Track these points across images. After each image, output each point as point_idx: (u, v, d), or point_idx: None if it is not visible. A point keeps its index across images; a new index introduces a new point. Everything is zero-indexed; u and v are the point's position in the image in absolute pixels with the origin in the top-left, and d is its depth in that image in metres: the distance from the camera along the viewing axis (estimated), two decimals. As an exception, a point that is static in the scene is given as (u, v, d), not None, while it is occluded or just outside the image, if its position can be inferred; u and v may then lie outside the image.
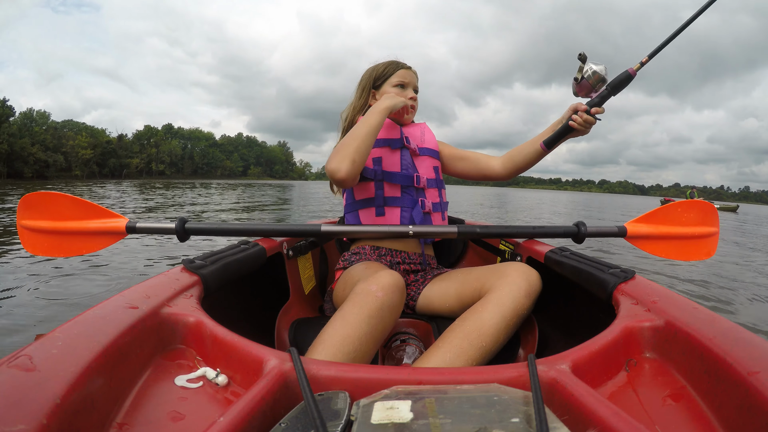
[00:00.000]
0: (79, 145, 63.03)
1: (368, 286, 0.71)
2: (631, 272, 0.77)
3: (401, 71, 1.19)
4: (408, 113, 1.20)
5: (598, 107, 0.97)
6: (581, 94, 0.99)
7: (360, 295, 0.70)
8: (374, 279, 0.72)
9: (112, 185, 22.90)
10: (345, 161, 0.96)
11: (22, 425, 0.31)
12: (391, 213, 1.10)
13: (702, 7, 0.92)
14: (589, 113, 0.97)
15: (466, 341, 0.73)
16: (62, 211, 1.00)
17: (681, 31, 0.92)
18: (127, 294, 0.59)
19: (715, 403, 0.46)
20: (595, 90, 0.96)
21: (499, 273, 0.87)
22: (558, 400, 0.46)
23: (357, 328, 0.66)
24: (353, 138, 0.99)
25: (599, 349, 0.54)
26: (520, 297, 0.80)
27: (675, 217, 1.09)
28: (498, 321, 0.76)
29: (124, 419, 0.42)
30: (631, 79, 0.93)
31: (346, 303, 0.70)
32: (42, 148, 54.88)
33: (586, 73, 0.95)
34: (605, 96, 0.96)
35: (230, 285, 0.84)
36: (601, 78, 0.95)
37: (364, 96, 1.23)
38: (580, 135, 1.03)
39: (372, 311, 0.68)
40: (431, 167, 1.19)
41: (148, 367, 0.51)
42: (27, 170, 51.00)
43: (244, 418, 0.39)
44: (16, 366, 0.38)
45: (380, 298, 0.69)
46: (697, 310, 0.59)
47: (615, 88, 0.94)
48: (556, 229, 1.08)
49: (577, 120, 0.98)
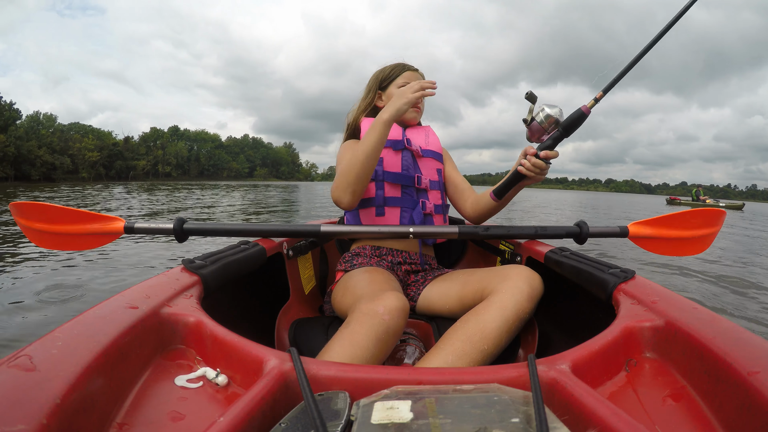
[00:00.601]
0: (85, 148, 63.71)
1: (376, 308, 0.70)
2: (631, 272, 0.77)
3: (407, 73, 1.19)
4: (417, 110, 1.20)
5: (550, 150, 0.90)
6: (533, 139, 0.92)
7: (367, 315, 0.69)
8: (381, 301, 0.71)
9: (120, 187, 22.97)
10: (346, 193, 0.99)
11: (22, 425, 0.31)
12: (391, 213, 1.10)
13: (660, 32, 0.88)
14: (539, 157, 0.91)
15: (468, 344, 0.73)
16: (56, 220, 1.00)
17: (637, 62, 0.88)
18: (127, 294, 0.59)
19: (715, 403, 0.46)
20: (548, 132, 0.90)
21: (501, 275, 0.87)
22: (558, 400, 0.46)
23: (365, 350, 0.66)
24: (353, 164, 0.98)
25: (599, 349, 0.54)
26: (522, 300, 0.79)
27: (683, 223, 1.08)
28: (500, 324, 0.76)
29: (124, 419, 0.42)
30: (585, 117, 0.88)
31: (353, 322, 0.70)
32: (49, 150, 55.52)
33: (538, 116, 0.90)
34: (558, 138, 0.90)
35: (230, 285, 0.84)
36: (555, 119, 0.89)
37: (369, 97, 1.23)
38: (534, 181, 0.97)
39: (379, 334, 0.68)
40: (434, 169, 1.19)
41: (148, 367, 0.51)
42: (34, 173, 51.59)
43: (244, 418, 0.39)
44: (16, 366, 0.38)
45: (386, 322, 0.69)
46: (697, 310, 0.59)
47: (568, 129, 0.88)
48: (558, 229, 1.08)
49: (526, 165, 0.93)
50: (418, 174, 1.13)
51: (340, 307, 0.96)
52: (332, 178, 1.08)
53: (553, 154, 0.91)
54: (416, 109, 1.20)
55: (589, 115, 0.88)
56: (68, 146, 60.62)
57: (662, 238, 1.07)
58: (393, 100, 0.97)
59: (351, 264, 1.09)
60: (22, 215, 1.00)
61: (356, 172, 0.98)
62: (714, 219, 1.09)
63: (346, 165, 0.99)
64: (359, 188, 1.00)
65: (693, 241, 1.08)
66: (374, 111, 1.24)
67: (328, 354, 0.66)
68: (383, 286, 0.90)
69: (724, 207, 17.99)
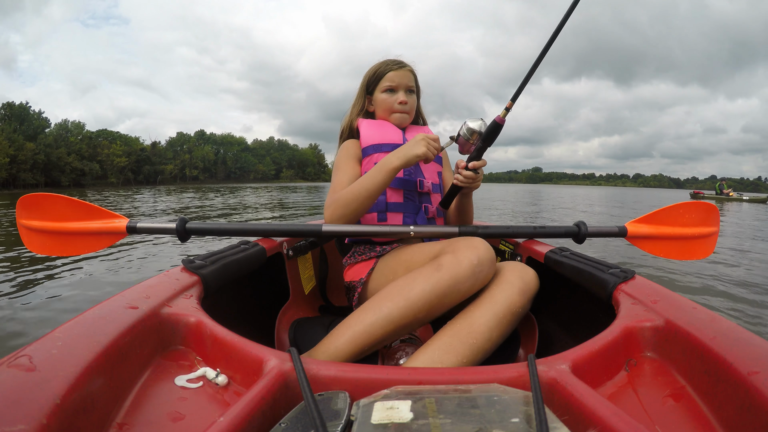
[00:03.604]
0: (113, 154, 64.94)
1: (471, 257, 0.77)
2: (631, 272, 0.77)
3: (390, 74, 1.14)
4: (405, 113, 1.16)
5: (477, 160, 0.97)
6: (463, 151, 1.00)
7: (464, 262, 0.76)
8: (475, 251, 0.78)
9: (153, 191, 23.18)
10: (340, 220, 0.99)
11: (22, 425, 0.31)
12: (394, 219, 1.08)
13: (550, 38, 0.91)
14: (469, 168, 0.97)
15: (455, 338, 0.73)
16: (61, 213, 1.00)
17: (535, 70, 0.92)
18: (127, 294, 0.59)
19: (714, 403, 0.46)
20: (473, 144, 0.97)
21: (494, 273, 0.87)
22: (558, 400, 0.46)
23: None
24: (352, 199, 0.97)
25: (599, 349, 0.54)
26: (513, 295, 0.79)
27: (676, 218, 1.09)
28: (489, 318, 0.75)
29: (124, 419, 0.42)
30: (500, 127, 0.93)
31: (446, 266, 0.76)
32: (78, 157, 56.87)
33: (461, 131, 0.97)
34: (481, 148, 0.97)
35: (230, 285, 0.84)
36: (476, 132, 0.96)
37: (360, 103, 1.21)
38: (471, 190, 1.04)
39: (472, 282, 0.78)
40: (435, 172, 1.17)
41: (148, 367, 0.51)
42: (64, 179, 52.86)
43: (244, 418, 0.39)
44: (16, 366, 0.38)
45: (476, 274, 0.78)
46: (696, 310, 0.59)
47: (487, 140, 0.95)
48: (556, 229, 1.08)
49: (459, 178, 0.99)
50: (420, 178, 1.12)
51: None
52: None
53: (480, 164, 0.97)
54: (402, 111, 1.16)
55: (503, 124, 0.93)
56: (97, 152, 62.06)
57: (661, 237, 1.07)
58: (408, 146, 0.95)
59: (374, 252, 1.06)
60: (27, 210, 1.00)
61: (354, 207, 0.98)
62: (707, 213, 1.09)
63: (351, 192, 0.98)
64: (355, 219, 1.00)
65: (693, 241, 1.08)
66: (368, 114, 1.22)
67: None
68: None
69: (747, 200, 17.80)
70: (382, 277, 0.99)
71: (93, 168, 59.19)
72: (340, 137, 1.23)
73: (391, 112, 1.16)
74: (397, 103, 1.15)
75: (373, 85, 1.18)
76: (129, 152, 68.97)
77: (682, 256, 1.08)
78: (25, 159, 46.18)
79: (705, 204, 1.10)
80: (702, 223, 1.08)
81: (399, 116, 1.16)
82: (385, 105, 1.16)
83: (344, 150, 1.15)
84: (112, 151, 64.78)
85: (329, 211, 1.01)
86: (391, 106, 1.15)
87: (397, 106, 1.15)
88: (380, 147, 1.10)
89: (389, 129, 1.14)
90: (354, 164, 1.12)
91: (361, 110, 1.21)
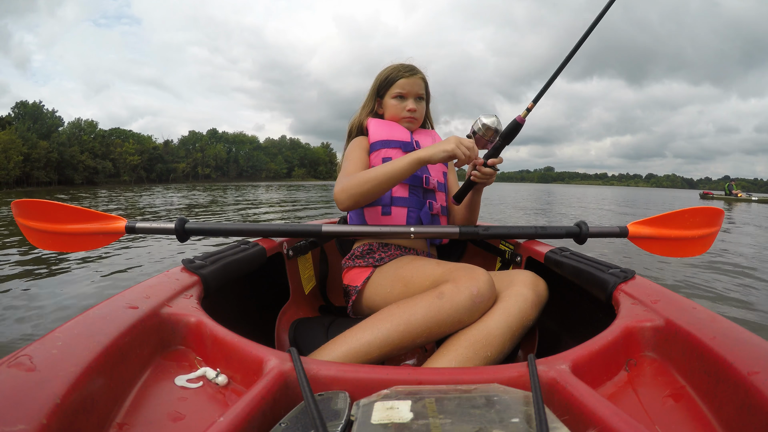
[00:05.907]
0: (126, 152, 65.50)
1: (470, 287, 0.77)
2: (631, 272, 0.77)
3: (401, 81, 1.14)
4: (412, 120, 1.17)
5: (495, 158, 0.98)
6: (479, 147, 1.00)
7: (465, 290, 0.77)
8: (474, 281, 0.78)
9: (161, 189, 23.24)
10: (350, 199, 0.97)
11: (22, 425, 0.31)
12: (398, 213, 1.09)
13: (581, 38, 0.92)
14: (487, 165, 0.98)
15: (471, 350, 0.73)
16: (57, 217, 1.00)
17: (558, 74, 0.93)
18: (127, 294, 0.59)
19: (714, 403, 0.46)
20: (491, 141, 0.98)
21: (507, 281, 0.86)
22: (558, 400, 0.46)
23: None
24: (370, 179, 0.95)
25: (599, 349, 0.54)
26: (527, 308, 0.79)
27: (681, 222, 1.08)
28: (504, 331, 0.75)
29: (124, 419, 0.42)
30: (520, 126, 0.93)
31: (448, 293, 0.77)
32: (91, 155, 57.54)
33: (477, 127, 0.97)
34: (499, 146, 0.97)
35: (230, 285, 0.84)
36: (494, 129, 0.96)
37: (370, 105, 1.22)
38: (484, 186, 1.05)
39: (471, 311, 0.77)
40: (441, 172, 1.19)
41: (148, 367, 0.51)
42: (77, 177, 53.51)
43: (244, 418, 0.39)
44: (16, 366, 0.38)
45: (477, 304, 0.77)
46: (696, 310, 0.59)
47: (506, 138, 0.95)
48: (558, 229, 1.08)
49: (476, 174, 1.00)
50: (426, 174, 1.13)
51: (382, 299, 0.95)
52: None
53: (498, 161, 0.99)
54: (410, 119, 1.17)
55: (523, 124, 0.94)
56: (109, 151, 62.75)
57: (662, 238, 1.07)
58: (441, 143, 0.92)
59: (372, 258, 1.05)
60: (22, 214, 1.00)
61: (369, 187, 0.95)
62: (713, 218, 1.08)
63: (370, 173, 0.96)
64: (363, 202, 0.98)
65: (693, 241, 1.08)
66: (376, 116, 1.23)
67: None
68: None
69: (756, 201, 17.75)
70: (378, 287, 0.99)
71: (106, 166, 59.86)
72: (348, 135, 1.24)
73: (399, 118, 1.17)
74: (405, 110, 1.16)
75: (384, 89, 1.18)
76: (141, 150, 69.53)
77: (678, 254, 1.08)
78: (39, 157, 46.69)
79: (712, 209, 1.09)
80: (705, 226, 1.08)
81: (407, 123, 1.18)
82: (394, 111, 1.17)
83: (354, 143, 1.17)
84: (124, 149, 65.32)
85: (342, 187, 0.98)
86: (400, 113, 1.17)
87: (405, 114, 1.16)
88: (388, 143, 1.11)
89: (398, 128, 1.16)
90: (364, 155, 1.13)
91: (370, 111, 1.22)
